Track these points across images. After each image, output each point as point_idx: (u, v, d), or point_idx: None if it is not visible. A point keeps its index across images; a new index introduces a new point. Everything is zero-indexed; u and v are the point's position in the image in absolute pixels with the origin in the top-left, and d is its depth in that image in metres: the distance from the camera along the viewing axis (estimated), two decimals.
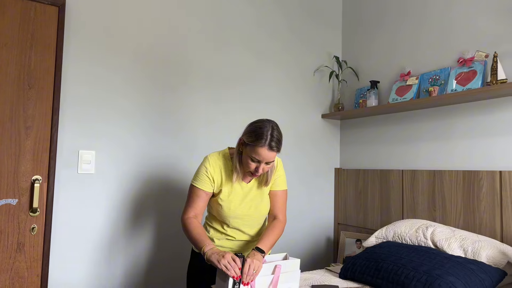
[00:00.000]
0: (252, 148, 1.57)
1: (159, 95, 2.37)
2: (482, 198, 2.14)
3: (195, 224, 1.66)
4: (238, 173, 1.67)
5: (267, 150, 1.56)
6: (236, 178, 1.68)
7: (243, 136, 1.63)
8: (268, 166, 1.62)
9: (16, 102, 1.93)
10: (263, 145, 1.55)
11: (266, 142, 1.55)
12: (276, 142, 1.57)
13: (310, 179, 2.95)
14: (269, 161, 1.59)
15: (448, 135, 2.37)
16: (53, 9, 2.03)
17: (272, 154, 1.58)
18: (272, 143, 1.56)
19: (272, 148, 1.56)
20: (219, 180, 1.70)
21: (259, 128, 1.58)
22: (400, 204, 2.57)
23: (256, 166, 1.60)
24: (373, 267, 1.85)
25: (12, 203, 1.91)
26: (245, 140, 1.60)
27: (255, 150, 1.56)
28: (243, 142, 1.63)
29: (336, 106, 2.95)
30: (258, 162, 1.59)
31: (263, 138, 1.55)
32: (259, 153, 1.56)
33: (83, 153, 2.13)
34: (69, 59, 2.11)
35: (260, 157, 1.57)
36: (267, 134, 1.55)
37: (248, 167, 1.61)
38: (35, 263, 1.95)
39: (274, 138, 1.56)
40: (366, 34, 2.97)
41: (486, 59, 2.15)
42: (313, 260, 2.94)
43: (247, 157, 1.60)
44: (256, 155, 1.57)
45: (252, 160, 1.59)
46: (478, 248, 1.86)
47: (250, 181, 1.75)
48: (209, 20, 2.57)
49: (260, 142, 1.55)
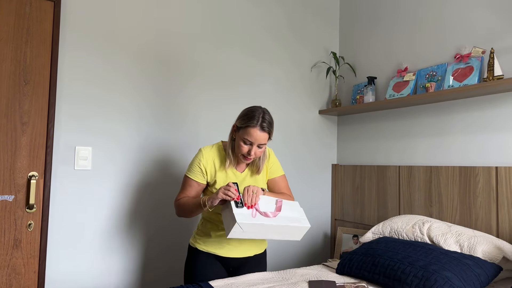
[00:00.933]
0: (244, 130, 1.65)
1: (156, 91, 2.36)
2: (478, 193, 2.15)
3: (185, 198, 1.75)
4: (231, 160, 1.74)
5: (259, 131, 1.64)
6: (229, 165, 1.75)
7: (236, 122, 1.72)
8: (260, 150, 1.69)
9: (12, 98, 1.92)
10: (255, 125, 1.63)
11: (258, 123, 1.64)
12: (268, 124, 1.66)
13: (308, 175, 2.95)
14: (261, 143, 1.66)
15: (445, 131, 2.38)
16: (49, 4, 2.02)
17: (263, 135, 1.65)
18: (263, 123, 1.64)
19: (264, 128, 1.65)
20: (212, 170, 1.76)
21: (251, 112, 1.67)
22: (397, 200, 2.58)
23: (248, 149, 1.66)
24: (370, 262, 1.86)
25: (9, 199, 1.91)
26: (238, 125, 1.69)
27: (247, 131, 1.64)
28: (235, 128, 1.71)
29: (333, 102, 2.95)
30: (251, 145, 1.66)
31: (255, 119, 1.64)
32: (251, 133, 1.63)
33: (80, 149, 2.12)
34: (65, 54, 2.10)
35: (252, 138, 1.64)
36: (258, 116, 1.65)
37: (241, 150, 1.68)
38: (32, 260, 1.95)
39: (265, 120, 1.65)
40: (363, 30, 2.96)
41: (483, 55, 2.15)
42: (310, 255, 2.95)
43: (240, 140, 1.67)
44: (248, 136, 1.64)
45: (245, 143, 1.66)
46: (474, 244, 1.87)
47: (244, 171, 1.81)
48: (207, 18, 2.56)
49: (252, 122, 1.63)
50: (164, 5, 2.41)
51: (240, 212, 1.54)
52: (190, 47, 2.49)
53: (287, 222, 1.60)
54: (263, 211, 1.59)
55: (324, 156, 3.05)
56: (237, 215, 1.52)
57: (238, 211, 1.54)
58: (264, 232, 1.59)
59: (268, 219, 1.57)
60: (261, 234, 1.59)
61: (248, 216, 1.54)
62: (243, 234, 1.56)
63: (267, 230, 1.58)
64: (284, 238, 1.65)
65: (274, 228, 1.58)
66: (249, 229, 1.54)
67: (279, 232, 1.61)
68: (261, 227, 1.56)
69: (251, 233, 1.57)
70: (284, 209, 1.65)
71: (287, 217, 1.62)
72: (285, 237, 1.64)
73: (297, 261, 2.88)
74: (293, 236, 1.65)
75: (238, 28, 2.68)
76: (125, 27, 2.27)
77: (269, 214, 1.59)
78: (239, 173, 1.80)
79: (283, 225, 1.58)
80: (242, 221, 1.51)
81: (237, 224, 1.50)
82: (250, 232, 1.56)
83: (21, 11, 1.95)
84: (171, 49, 2.42)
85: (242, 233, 1.55)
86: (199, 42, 2.52)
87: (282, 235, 1.63)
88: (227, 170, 1.77)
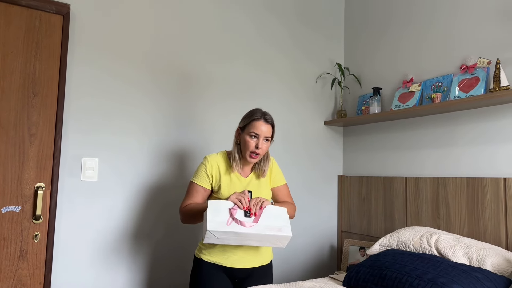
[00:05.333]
0: (250, 125, 1.75)
1: (163, 103, 2.38)
2: (487, 205, 2.12)
3: (192, 204, 1.78)
4: (237, 162, 1.80)
5: (263, 123, 1.75)
6: (235, 167, 1.80)
7: (239, 125, 1.83)
8: (266, 144, 1.77)
9: (20, 110, 1.95)
10: (259, 118, 1.75)
11: (261, 116, 1.76)
12: (270, 117, 1.78)
13: (313, 186, 2.94)
14: (266, 135, 1.75)
15: (452, 142, 2.36)
16: (58, 18, 2.06)
17: (267, 127, 1.75)
18: (266, 116, 1.77)
19: (267, 120, 1.76)
20: (217, 174, 1.81)
21: (252, 110, 1.81)
22: (404, 211, 2.55)
23: (256, 143, 1.74)
24: (377, 275, 1.83)
25: (16, 210, 1.92)
26: (241, 125, 1.80)
27: (252, 125, 1.74)
28: (239, 131, 1.81)
29: (338, 113, 2.95)
30: (257, 138, 1.74)
31: (258, 114, 1.76)
32: (256, 126, 1.74)
33: (86, 161, 2.14)
34: (73, 67, 2.13)
35: (258, 130, 1.73)
36: (260, 111, 1.78)
37: (248, 146, 1.75)
38: (37, 271, 1.95)
39: (267, 114, 1.79)
40: (367, 41, 2.98)
41: (488, 66, 2.15)
42: (316, 268, 2.92)
43: (246, 136, 1.75)
44: (253, 129, 1.74)
45: (251, 137, 1.74)
46: (483, 256, 1.84)
47: (248, 176, 1.85)
48: (213, 33, 2.59)
49: (256, 116, 1.75)
50: (173, 19, 2.44)
51: (215, 220, 1.58)
52: (198, 61, 2.51)
53: (266, 231, 1.61)
54: (240, 220, 1.60)
55: (330, 167, 3.04)
56: (209, 222, 1.57)
57: (213, 219, 1.58)
58: (241, 239, 1.62)
59: (243, 228, 1.59)
60: (238, 241, 1.63)
61: (222, 224, 1.58)
62: (218, 240, 1.61)
63: (244, 238, 1.61)
64: (266, 245, 1.68)
65: (252, 236, 1.61)
66: (223, 236, 1.58)
67: (258, 240, 1.64)
68: (236, 235, 1.59)
69: (227, 240, 1.62)
70: (266, 217, 1.65)
71: (267, 225, 1.63)
72: (267, 244, 1.68)
73: (303, 273, 2.85)
74: (275, 244, 1.67)
75: (244, 41, 2.71)
76: (132, 41, 2.30)
77: (245, 223, 1.60)
78: (243, 178, 1.83)
79: (262, 234, 1.60)
80: (213, 228, 1.55)
81: (209, 232, 1.55)
82: (225, 239, 1.61)
83: (30, 25, 1.99)
84: (179, 62, 2.44)
85: (216, 239, 1.60)
86: (207, 56, 2.55)
87: (262, 242, 1.66)
88: (231, 175, 1.81)
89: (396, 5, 2.78)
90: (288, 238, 1.64)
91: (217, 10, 2.61)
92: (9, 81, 1.93)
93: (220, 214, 1.60)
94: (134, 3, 2.33)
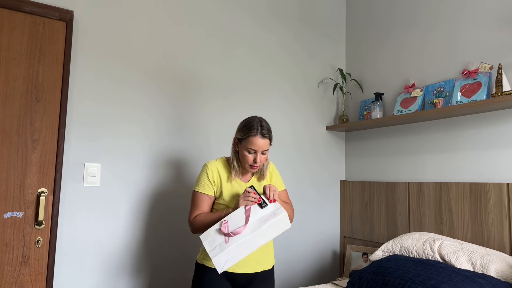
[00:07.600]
0: (246, 140, 1.73)
1: (166, 108, 2.39)
2: (490, 210, 2.11)
3: (203, 214, 1.76)
4: (236, 171, 1.80)
5: (260, 138, 1.72)
6: (235, 176, 1.80)
7: (235, 135, 1.80)
8: (264, 156, 1.76)
9: (23, 115, 1.96)
10: (256, 134, 1.71)
11: (258, 131, 1.72)
12: (267, 131, 1.75)
13: (315, 191, 2.93)
14: (264, 149, 1.74)
15: (454, 147, 2.36)
16: (61, 24, 2.07)
17: (265, 142, 1.73)
18: (263, 131, 1.73)
19: (264, 135, 1.73)
20: (218, 181, 1.81)
21: (249, 122, 1.76)
22: (407, 217, 2.54)
23: (254, 158, 1.74)
24: (380, 281, 1.82)
25: (18, 215, 1.92)
26: (238, 137, 1.77)
27: (249, 141, 1.72)
28: (237, 141, 1.79)
29: (340, 118, 2.95)
30: (255, 153, 1.73)
31: (254, 128, 1.72)
32: (254, 142, 1.71)
33: (89, 166, 2.14)
34: (76, 73, 2.14)
35: (256, 146, 1.71)
36: (257, 125, 1.73)
37: (247, 160, 1.74)
38: (39, 276, 1.95)
39: (264, 127, 1.74)
40: (369, 46, 2.98)
41: (490, 71, 2.15)
42: (319, 274, 2.90)
43: (244, 151, 1.74)
44: (251, 145, 1.72)
45: (249, 152, 1.73)
46: (486, 262, 1.82)
47: (249, 181, 1.86)
48: (216, 35, 2.60)
49: (252, 132, 1.72)
50: (176, 24, 2.46)
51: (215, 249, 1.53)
52: (201, 67, 2.52)
53: (262, 224, 1.55)
54: (231, 231, 1.55)
55: (332, 172, 3.03)
56: (210, 252, 1.53)
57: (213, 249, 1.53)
58: (248, 247, 1.55)
59: (241, 235, 1.54)
60: (246, 249, 1.55)
61: (221, 246, 1.53)
62: (229, 262, 1.53)
63: (250, 243, 1.55)
64: (274, 236, 1.59)
65: (254, 237, 1.54)
66: (230, 255, 1.52)
67: (262, 237, 1.56)
68: (239, 247, 1.53)
69: (237, 255, 1.54)
70: (254, 213, 1.61)
71: (260, 218, 1.58)
72: (273, 235, 1.59)
73: (305, 279, 2.84)
74: (279, 230, 1.59)
75: (247, 47, 2.72)
76: (135, 47, 2.32)
77: (239, 229, 1.55)
78: (244, 184, 1.84)
79: (260, 229, 1.54)
80: (216, 255, 1.51)
81: (216, 264, 1.51)
82: (234, 257, 1.54)
83: (34, 31, 2.00)
84: (182, 68, 2.45)
85: (227, 261, 1.53)
86: (210, 61, 2.56)
87: (267, 236, 1.57)
88: (232, 182, 1.81)
89: (398, 11, 2.79)
90: (285, 216, 1.57)
91: (220, 14, 2.63)
92: (12, 87, 1.94)
93: (215, 240, 1.56)
94: (137, 9, 2.34)
